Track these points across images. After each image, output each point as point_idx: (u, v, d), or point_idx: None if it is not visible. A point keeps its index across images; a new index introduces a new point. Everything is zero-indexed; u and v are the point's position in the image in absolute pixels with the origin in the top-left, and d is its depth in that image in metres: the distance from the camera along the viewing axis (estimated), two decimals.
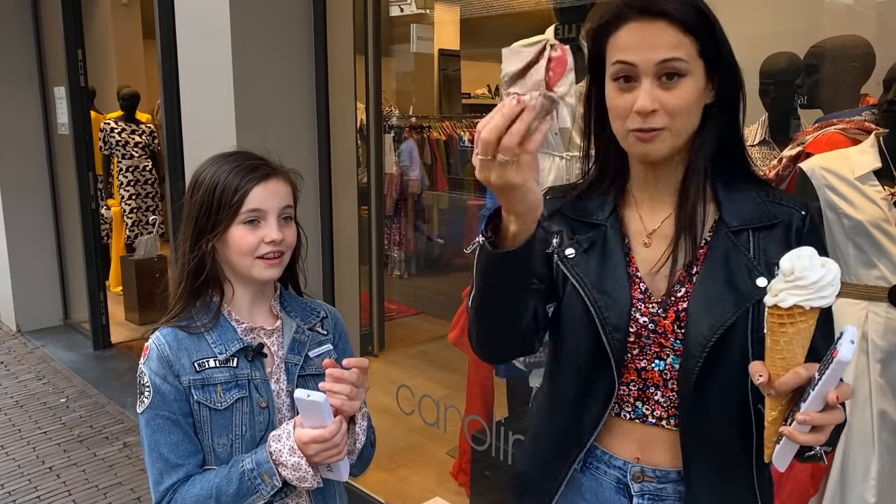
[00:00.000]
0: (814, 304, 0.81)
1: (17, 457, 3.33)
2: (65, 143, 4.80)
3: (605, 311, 1.02)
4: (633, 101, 0.97)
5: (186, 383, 1.17)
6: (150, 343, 1.20)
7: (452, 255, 6.59)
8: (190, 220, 1.21)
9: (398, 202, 6.21)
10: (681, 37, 0.96)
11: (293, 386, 1.24)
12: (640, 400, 1.05)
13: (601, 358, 1.03)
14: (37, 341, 4.89)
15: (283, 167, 1.25)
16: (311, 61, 2.85)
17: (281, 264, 1.23)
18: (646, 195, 1.08)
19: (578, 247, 1.06)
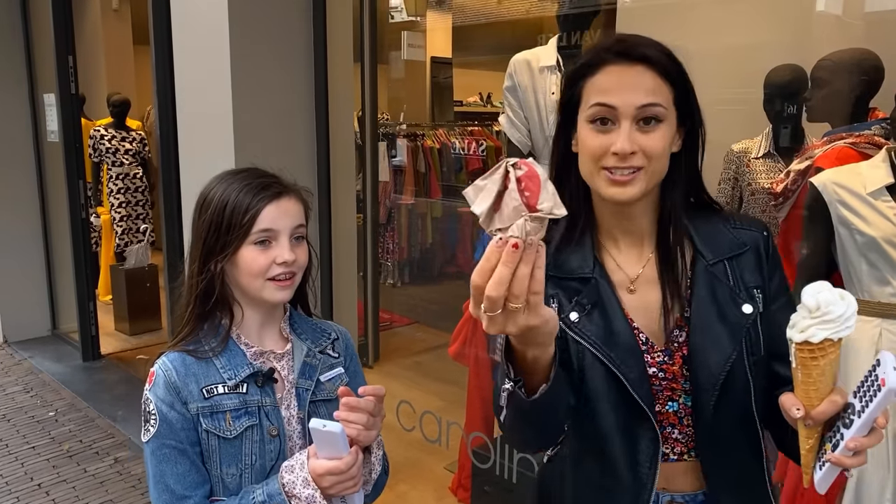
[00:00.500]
0: (841, 334, 0.84)
1: (5, 473, 3.25)
2: (54, 151, 4.73)
3: (625, 368, 1.01)
4: (610, 142, 0.97)
5: (194, 411, 1.12)
6: (157, 368, 1.15)
7: (445, 264, 6.56)
8: (198, 240, 1.16)
9: (391, 210, 6.18)
10: (660, 82, 0.98)
11: (304, 412, 1.20)
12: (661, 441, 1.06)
13: (635, 413, 1.02)
14: (24, 352, 4.80)
15: (295, 185, 1.20)
16: (311, 68, 2.81)
17: (293, 286, 1.19)
18: (618, 241, 1.08)
19: (581, 310, 1.03)
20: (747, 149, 2.39)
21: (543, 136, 2.58)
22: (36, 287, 5.09)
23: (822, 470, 0.88)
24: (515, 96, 2.60)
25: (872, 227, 1.75)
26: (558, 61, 2.56)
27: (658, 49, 1.00)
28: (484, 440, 2.47)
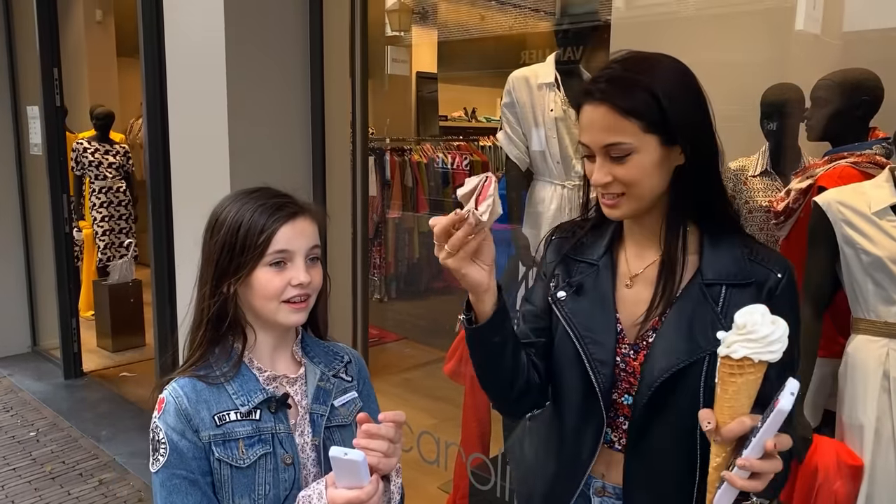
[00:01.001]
0: (762, 357, 0.87)
1: None
2: (37, 164, 4.64)
3: (593, 349, 1.13)
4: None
5: (206, 439, 1.08)
6: (166, 395, 1.10)
7: (433, 279, 6.53)
8: (210, 261, 1.13)
9: (378, 225, 6.15)
10: (621, 121, 1.03)
11: (319, 439, 1.16)
12: (610, 427, 1.15)
13: (590, 393, 1.13)
14: (3, 370, 4.68)
15: (309, 205, 1.17)
16: (307, 82, 2.78)
17: (307, 308, 1.15)
18: (633, 241, 1.17)
19: (569, 289, 1.17)
20: (744, 167, 2.40)
21: (542, 152, 2.58)
22: (16, 302, 4.97)
23: (720, 489, 0.90)
24: (514, 113, 2.59)
25: (878, 247, 1.75)
26: (557, 78, 2.56)
27: (620, 85, 1.04)
28: (483, 461, 2.43)
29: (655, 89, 1.03)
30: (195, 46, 2.67)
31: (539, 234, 2.59)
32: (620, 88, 1.03)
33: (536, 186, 2.59)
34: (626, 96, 1.03)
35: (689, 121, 1.05)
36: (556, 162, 2.54)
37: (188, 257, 2.81)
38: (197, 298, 1.16)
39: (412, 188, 6.31)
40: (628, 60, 1.08)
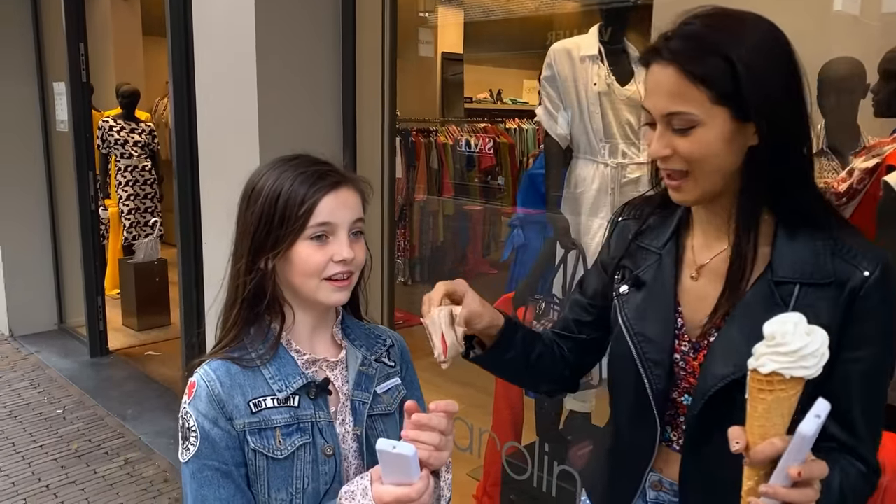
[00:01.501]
0: (794, 373, 0.77)
1: (12, 473, 3.13)
2: (63, 141, 4.60)
3: (646, 348, 1.04)
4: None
5: (241, 427, 1.00)
6: (197, 378, 1.02)
7: (456, 263, 6.44)
8: (246, 234, 1.04)
9: (403, 208, 6.06)
10: (688, 87, 0.91)
11: (362, 429, 1.07)
12: (669, 425, 1.07)
13: (644, 393, 1.05)
14: (31, 347, 4.68)
15: (352, 174, 1.08)
16: (339, 63, 2.69)
17: (350, 286, 1.06)
18: (701, 227, 1.06)
19: (633, 283, 1.09)
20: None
21: (584, 129, 2.46)
22: (43, 280, 4.97)
23: None
24: (554, 87, 2.47)
25: None
26: (600, 51, 2.43)
27: (693, 45, 0.92)
28: (519, 449, 2.34)
29: (732, 54, 0.89)
30: (224, 26, 2.58)
31: (579, 216, 2.48)
32: (692, 49, 0.91)
33: (577, 165, 2.47)
34: (697, 59, 0.91)
35: (767, 95, 0.91)
36: (599, 139, 2.42)
37: (215, 236, 2.74)
38: (231, 274, 1.07)
39: (437, 171, 6.21)
40: (710, 17, 0.95)
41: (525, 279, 2.67)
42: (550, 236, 2.59)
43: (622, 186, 2.46)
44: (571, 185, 2.49)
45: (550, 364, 1.19)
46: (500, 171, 6.44)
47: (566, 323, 1.22)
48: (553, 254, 2.55)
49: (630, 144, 2.47)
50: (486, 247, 6.30)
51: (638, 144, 2.49)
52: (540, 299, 2.49)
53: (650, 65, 0.96)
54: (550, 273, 2.53)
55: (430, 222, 6.22)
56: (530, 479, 2.27)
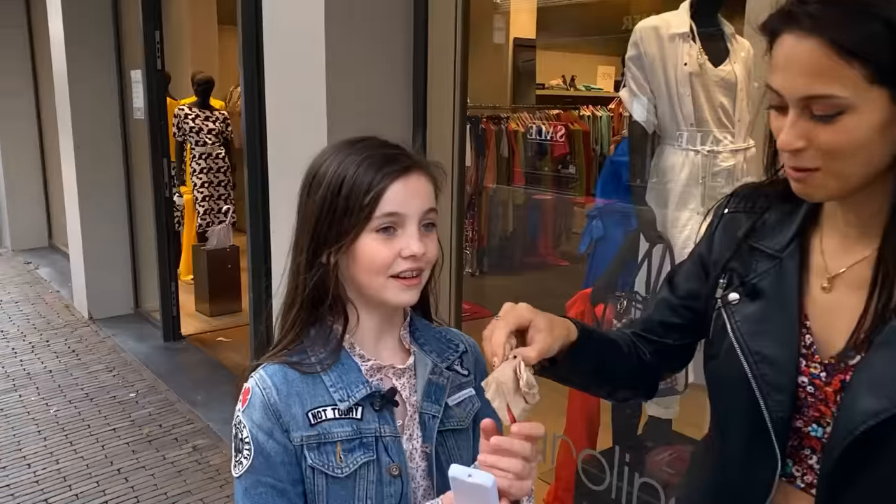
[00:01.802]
0: None
1: (86, 455, 3.19)
2: (140, 129, 4.68)
3: (764, 369, 0.88)
4: (781, 131, 0.80)
5: (298, 441, 0.90)
6: (252, 384, 0.93)
7: (526, 254, 6.28)
8: (307, 226, 0.93)
9: (471, 197, 5.93)
10: (837, 63, 0.73)
11: (431, 445, 0.96)
12: (791, 458, 0.91)
13: (760, 422, 0.88)
14: (108, 330, 4.80)
15: (423, 158, 0.96)
16: (410, 50, 2.59)
17: (420, 285, 0.94)
18: (834, 226, 0.89)
19: (746, 292, 0.92)
20: None
21: (672, 113, 2.27)
22: (121, 265, 5.08)
23: None
24: (640, 67, 2.29)
25: None
26: (692, 28, 2.23)
27: (842, 9, 0.73)
28: (596, 457, 2.19)
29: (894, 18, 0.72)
30: (293, 11, 2.50)
31: (666, 208, 2.29)
32: (841, 14, 0.74)
33: (664, 152, 2.29)
34: (848, 27, 0.73)
35: None
36: (689, 124, 2.23)
37: (283, 224, 2.69)
38: (291, 270, 0.97)
39: (508, 159, 6.05)
40: None
41: (604, 274, 2.50)
42: (633, 228, 2.41)
43: (713, 176, 2.26)
44: (657, 173, 2.31)
45: (627, 370, 1.05)
46: (572, 160, 6.23)
47: (650, 324, 1.07)
48: (636, 247, 2.37)
49: (723, 130, 2.27)
50: (557, 238, 6.12)
51: (732, 130, 2.29)
52: (621, 296, 2.32)
53: (780, 34, 0.78)
54: (633, 268, 2.36)
55: (499, 212, 6.07)
56: (608, 489, 2.12)
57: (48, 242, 7.18)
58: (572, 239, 5.83)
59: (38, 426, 3.45)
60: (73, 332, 4.77)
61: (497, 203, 6.02)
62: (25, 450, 3.23)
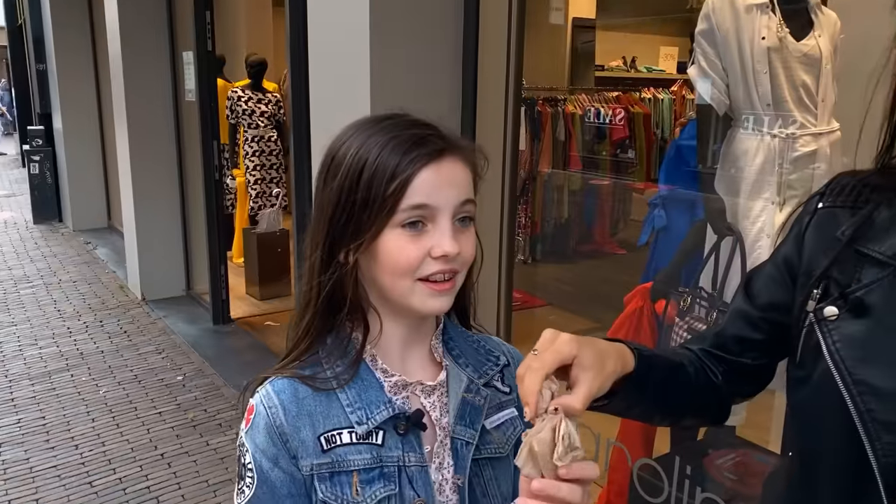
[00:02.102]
0: None
1: (132, 438, 3.18)
2: (192, 111, 4.66)
3: (871, 403, 0.71)
4: None
5: (308, 470, 0.77)
6: (257, 402, 0.81)
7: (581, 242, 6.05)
8: (322, 219, 0.80)
9: (525, 182, 5.74)
10: None
11: (464, 477, 0.82)
12: None
13: (863, 466, 0.72)
14: (160, 311, 4.83)
15: (461, 140, 0.81)
16: (460, 28, 2.43)
17: (453, 290, 0.80)
18: None
19: (846, 306, 0.75)
20: None
21: (746, 92, 2.06)
22: (173, 247, 5.11)
23: None
24: (712, 42, 2.08)
25: None
26: None
27: None
28: (653, 467, 2.03)
29: None
30: None
31: (737, 197, 2.09)
32: None
33: (736, 136, 2.08)
34: None
35: None
36: (766, 104, 2.01)
37: None
38: (306, 271, 0.84)
39: (564, 142, 5.84)
40: None
41: (667, 267, 2.31)
42: (700, 218, 2.22)
43: (792, 162, 2.04)
44: (729, 158, 2.10)
45: (695, 396, 0.89)
46: (632, 144, 5.98)
47: (722, 339, 0.90)
48: (702, 239, 2.17)
49: (804, 111, 2.04)
50: (615, 225, 5.88)
51: (814, 111, 2.06)
52: (684, 292, 2.13)
53: None
54: (698, 262, 2.16)
55: (553, 197, 5.86)
56: (667, 501, 1.95)
57: (107, 223, 7.33)
58: (631, 227, 5.59)
59: (88, 407, 3.47)
60: (125, 312, 4.82)
61: (552, 188, 5.81)
62: (74, 431, 3.25)
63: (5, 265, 5.94)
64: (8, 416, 3.39)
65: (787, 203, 2.05)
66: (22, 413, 3.41)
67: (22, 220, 7.75)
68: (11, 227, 7.49)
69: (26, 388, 3.67)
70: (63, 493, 2.79)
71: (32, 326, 4.52)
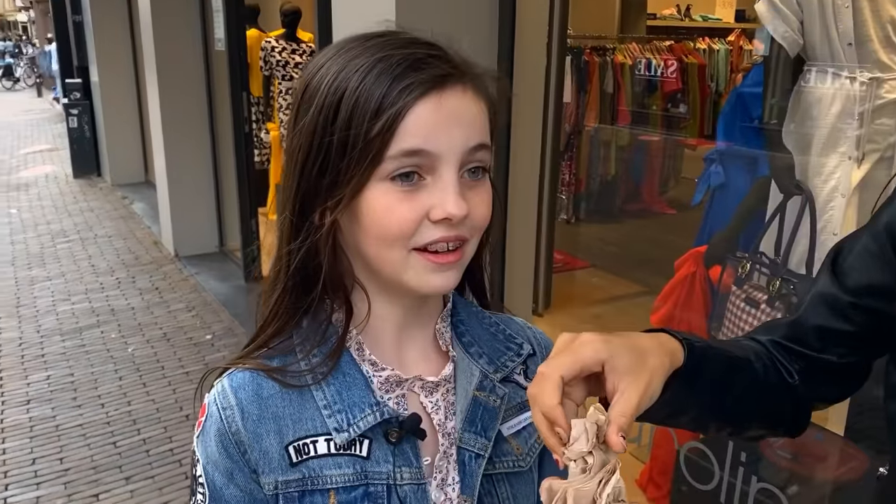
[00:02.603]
0: None
1: (158, 398, 3.12)
2: (222, 61, 4.51)
3: None
4: None
5: (272, 487, 0.61)
6: (210, 401, 0.64)
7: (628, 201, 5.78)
8: (292, 168, 0.62)
9: (570, 136, 5.47)
10: None
11: (473, 498, 0.65)
12: None
13: None
14: (192, 268, 4.77)
15: (470, 65, 0.62)
16: None
17: (460, 263, 0.62)
18: None
19: None
20: None
21: (824, 29, 1.79)
22: (206, 203, 5.02)
23: None
24: None
25: None
26: None
27: None
28: (702, 450, 1.84)
29: None
30: None
31: (808, 151, 1.84)
32: None
33: (810, 80, 1.82)
34: None
35: None
36: (848, 44, 1.75)
37: None
38: (276, 236, 0.67)
39: (612, 95, 5.53)
40: None
41: (724, 230, 2.08)
42: (763, 175, 1.97)
43: (875, 110, 1.78)
44: (800, 107, 1.84)
45: (761, 398, 0.69)
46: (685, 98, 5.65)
47: (801, 330, 0.71)
48: (765, 199, 1.93)
49: (893, 51, 1.77)
50: (665, 183, 5.58)
51: None
52: (743, 258, 1.90)
53: None
54: (759, 225, 1.93)
55: (600, 154, 5.57)
56: (718, 488, 1.76)
57: (144, 178, 7.31)
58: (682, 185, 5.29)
59: (116, 365, 3.42)
60: (158, 269, 4.78)
61: (598, 144, 5.53)
62: (101, 389, 3.21)
63: (44, 219, 5.97)
64: (38, 371, 3.37)
65: (867, 158, 1.80)
66: (52, 370, 3.38)
67: (63, 175, 7.79)
68: (52, 181, 7.53)
69: (57, 343, 3.64)
70: (87, 452, 2.75)
71: (67, 281, 4.51)
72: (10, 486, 2.56)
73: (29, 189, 7.08)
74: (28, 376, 3.32)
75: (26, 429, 2.91)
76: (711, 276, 2.05)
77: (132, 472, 2.63)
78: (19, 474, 2.63)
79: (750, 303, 1.88)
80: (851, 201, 1.79)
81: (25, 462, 2.70)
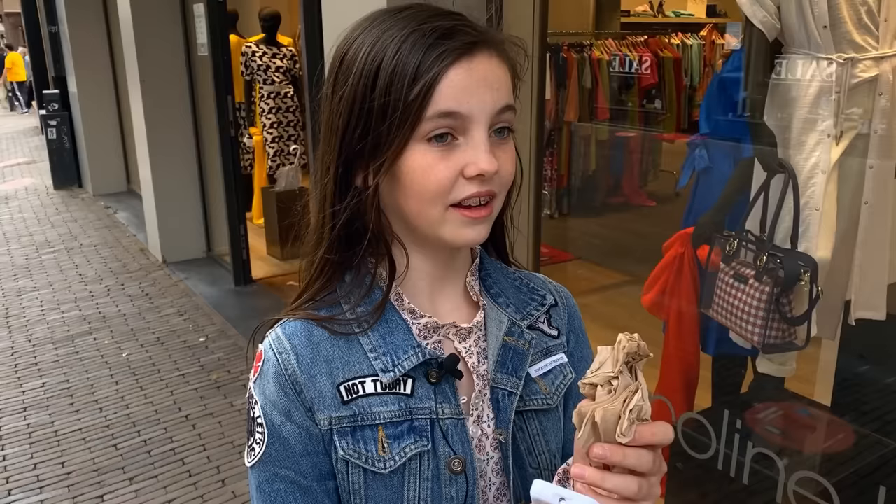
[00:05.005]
0: None
1: (156, 400, 3.14)
2: (205, 66, 4.53)
3: None
4: None
5: (326, 424, 0.66)
6: (266, 347, 0.70)
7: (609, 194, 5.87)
8: (332, 136, 0.68)
9: (551, 132, 5.55)
10: None
11: (507, 431, 0.71)
12: None
13: None
14: (181, 273, 4.78)
15: (492, 33, 0.67)
16: None
17: (490, 217, 0.68)
18: None
19: None
20: None
21: (800, 13, 1.87)
22: (192, 208, 5.04)
23: None
24: None
25: None
26: None
27: None
28: (699, 421, 1.91)
29: None
30: None
31: (789, 129, 1.92)
32: None
33: (789, 62, 1.90)
34: None
35: None
36: (823, 26, 1.83)
37: None
38: (317, 199, 0.72)
39: (591, 91, 5.62)
40: None
41: (710, 211, 2.16)
42: (747, 157, 2.05)
43: (851, 90, 1.86)
44: (781, 88, 1.92)
45: None
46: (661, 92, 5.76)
47: None
48: (749, 177, 2.01)
49: (865, 32, 1.85)
50: (644, 177, 5.68)
51: (875, 33, 1.87)
52: (730, 236, 1.98)
53: None
54: (744, 204, 2.01)
55: (581, 149, 5.67)
56: (714, 458, 1.83)
57: (126, 187, 7.28)
58: (660, 178, 5.39)
59: (111, 370, 3.43)
60: (147, 275, 4.78)
61: (579, 139, 5.62)
62: (98, 394, 3.22)
63: (27, 231, 5.93)
64: (32, 380, 3.37)
65: (845, 136, 1.88)
66: (46, 377, 3.39)
67: (42, 187, 7.73)
68: (32, 193, 7.47)
69: (49, 352, 3.64)
70: (88, 455, 2.76)
71: (55, 291, 4.49)
72: (14, 490, 2.57)
73: (9, 202, 7.02)
74: (23, 384, 3.32)
75: (25, 435, 2.92)
76: (699, 256, 2.12)
77: (135, 473, 2.65)
78: (21, 479, 2.64)
79: (738, 278, 1.95)
80: (832, 177, 1.87)
81: (27, 467, 2.70)
